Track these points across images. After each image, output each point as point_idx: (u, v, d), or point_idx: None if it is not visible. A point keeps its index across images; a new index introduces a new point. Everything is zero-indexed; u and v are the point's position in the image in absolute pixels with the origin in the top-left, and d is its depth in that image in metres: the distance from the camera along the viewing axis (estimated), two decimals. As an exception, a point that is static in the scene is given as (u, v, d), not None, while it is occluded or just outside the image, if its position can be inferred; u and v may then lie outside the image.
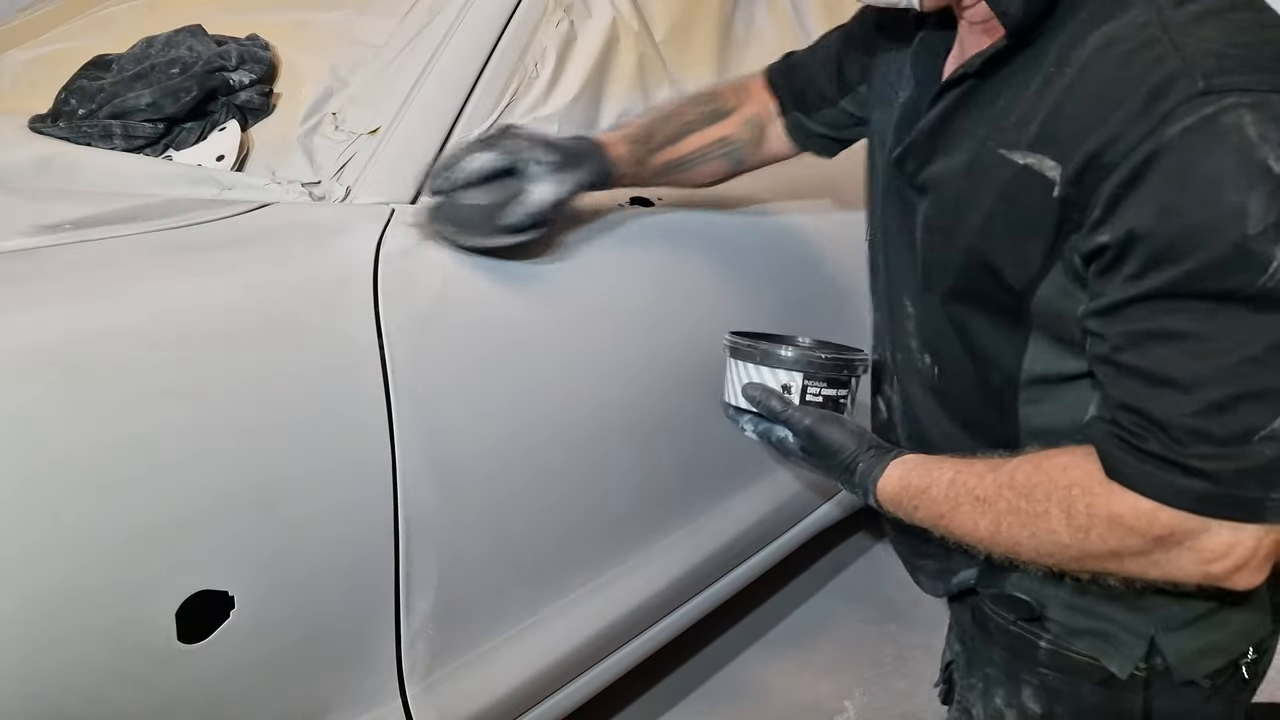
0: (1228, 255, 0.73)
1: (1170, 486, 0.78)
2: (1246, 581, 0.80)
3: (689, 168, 1.34)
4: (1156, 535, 0.80)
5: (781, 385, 1.07)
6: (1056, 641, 0.98)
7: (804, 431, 1.04)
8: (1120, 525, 0.81)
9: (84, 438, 0.88)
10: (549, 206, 1.15)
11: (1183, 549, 0.80)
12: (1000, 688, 1.04)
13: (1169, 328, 0.77)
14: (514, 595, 1.29)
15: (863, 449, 1.02)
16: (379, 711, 1.15)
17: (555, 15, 1.47)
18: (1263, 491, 0.77)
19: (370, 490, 1.09)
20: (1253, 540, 0.78)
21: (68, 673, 0.89)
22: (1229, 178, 0.73)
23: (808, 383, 1.06)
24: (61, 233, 1.02)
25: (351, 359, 1.07)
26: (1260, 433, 0.75)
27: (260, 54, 1.39)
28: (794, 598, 2.14)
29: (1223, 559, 0.79)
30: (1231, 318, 0.75)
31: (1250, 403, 0.75)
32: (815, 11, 1.97)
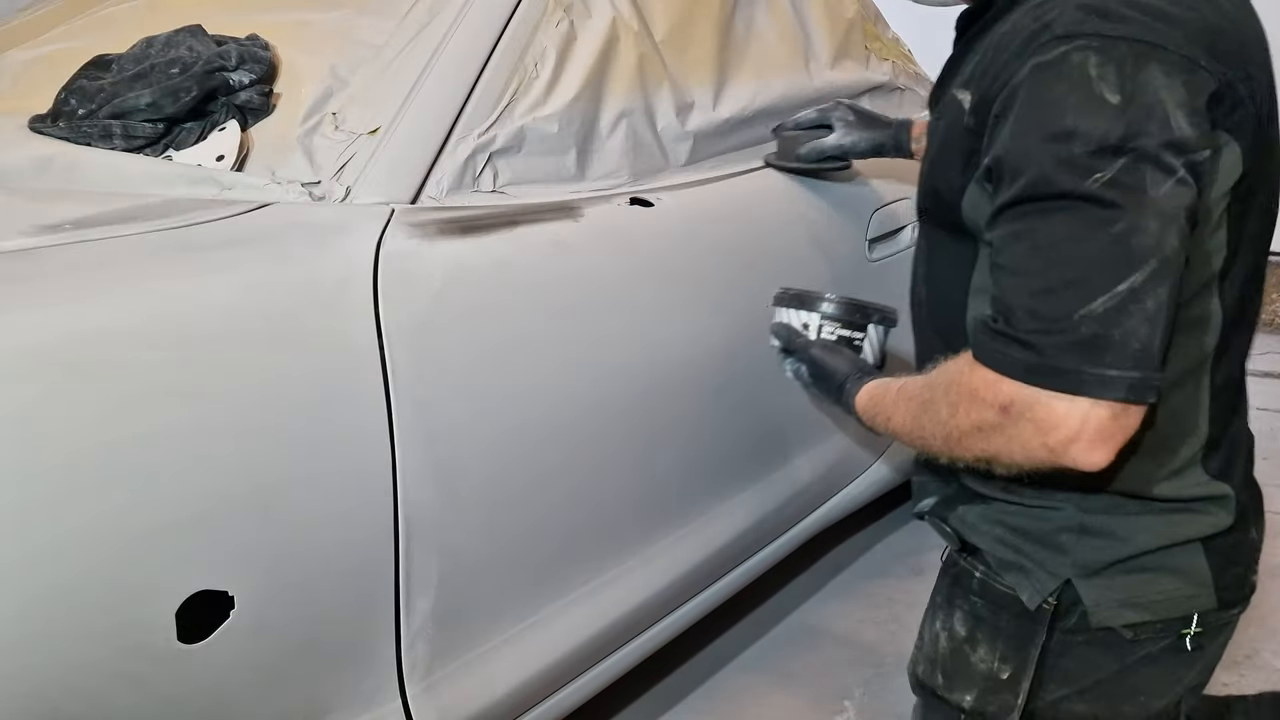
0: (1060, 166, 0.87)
1: (1005, 358, 0.89)
2: (1085, 457, 0.87)
3: None
4: (1001, 404, 0.90)
5: (801, 324, 1.26)
6: (987, 574, 1.09)
7: (808, 359, 1.23)
8: (976, 398, 0.92)
9: (84, 438, 0.88)
10: (832, 148, 1.66)
11: (1024, 421, 0.89)
12: (940, 612, 1.16)
13: (1018, 229, 0.90)
14: (514, 595, 1.29)
15: (853, 373, 1.17)
16: (379, 711, 1.15)
17: (555, 15, 1.47)
18: (1080, 365, 0.86)
19: (370, 490, 1.09)
20: (1080, 413, 0.86)
21: (68, 673, 0.89)
22: (1069, 105, 0.87)
23: (823, 322, 1.25)
24: (61, 233, 1.02)
25: (351, 359, 1.07)
26: (1079, 312, 0.86)
27: (260, 54, 1.39)
28: (794, 597, 2.14)
29: (1055, 430, 0.87)
30: (1064, 214, 0.87)
31: (1074, 287, 0.86)
32: (815, 12, 1.97)
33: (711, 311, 1.50)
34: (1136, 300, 0.86)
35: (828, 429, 1.82)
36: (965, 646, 1.12)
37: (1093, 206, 0.86)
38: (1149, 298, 0.86)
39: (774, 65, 1.82)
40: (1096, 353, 0.86)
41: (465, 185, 1.31)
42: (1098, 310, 0.86)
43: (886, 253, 1.83)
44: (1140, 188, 0.86)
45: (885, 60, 2.12)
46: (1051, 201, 0.88)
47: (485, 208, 1.29)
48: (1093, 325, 0.86)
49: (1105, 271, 0.86)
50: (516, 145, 1.36)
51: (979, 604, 1.10)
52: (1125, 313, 0.86)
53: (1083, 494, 1.02)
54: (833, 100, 1.72)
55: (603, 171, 1.47)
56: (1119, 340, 0.85)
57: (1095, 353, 0.86)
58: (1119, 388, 0.85)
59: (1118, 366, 0.85)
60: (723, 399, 1.54)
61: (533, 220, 1.30)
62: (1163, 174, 0.86)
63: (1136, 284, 0.86)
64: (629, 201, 1.44)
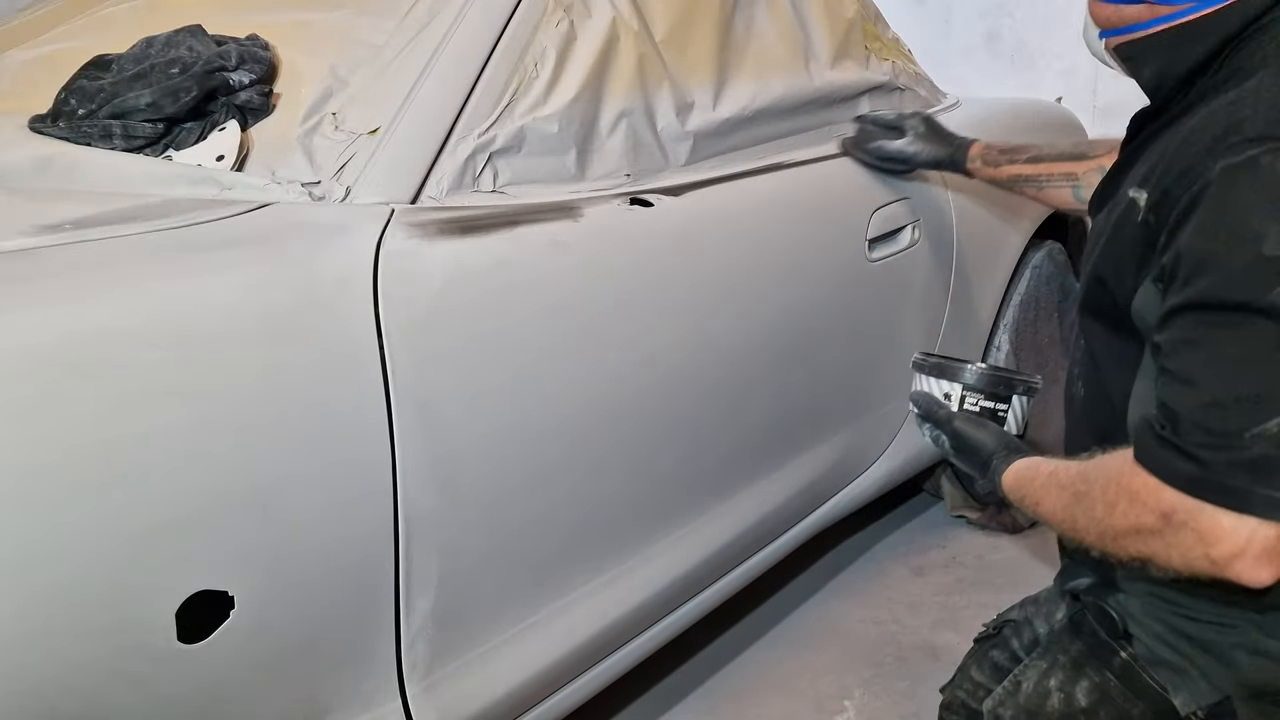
0: (1243, 271, 0.85)
1: (1169, 466, 0.88)
2: (1250, 574, 0.86)
3: (1036, 186, 1.65)
4: (1163, 511, 0.89)
5: (943, 394, 1.23)
6: (1135, 660, 1.07)
7: (950, 431, 1.20)
8: (1136, 500, 0.91)
9: (84, 437, 0.88)
10: (894, 153, 1.80)
11: (1187, 530, 0.88)
12: (1061, 672, 1.12)
13: (1192, 336, 0.89)
14: (514, 595, 1.29)
15: (1000, 448, 1.14)
16: (379, 711, 1.15)
17: (555, 15, 1.47)
18: (1249, 484, 0.85)
19: (370, 490, 1.09)
20: (1247, 530, 0.85)
21: (67, 672, 0.89)
22: (1255, 207, 0.86)
23: (966, 393, 1.22)
24: (61, 233, 1.02)
25: (351, 359, 1.07)
26: (1251, 431, 0.85)
27: (260, 54, 1.39)
28: (794, 598, 2.14)
29: (1219, 544, 0.86)
30: (1242, 327, 0.86)
31: (1247, 404, 0.85)
32: (815, 12, 1.97)
33: (712, 311, 1.50)
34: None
35: (828, 428, 1.82)
36: (1081, 717, 1.09)
37: (1272, 322, 0.84)
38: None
39: (774, 65, 1.82)
40: (1267, 474, 0.84)
41: (465, 185, 1.30)
42: (1271, 430, 0.84)
43: (886, 253, 1.83)
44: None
45: (885, 60, 2.12)
46: (1229, 313, 0.86)
47: (485, 208, 1.29)
48: (1264, 445, 0.84)
49: (1275, 388, 0.85)
50: (516, 145, 1.36)
51: (1114, 684, 1.08)
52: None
53: (1260, 614, 1.00)
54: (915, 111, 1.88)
55: (603, 171, 1.47)
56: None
57: (1265, 474, 0.84)
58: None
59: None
60: (723, 399, 1.54)
61: (533, 220, 1.30)
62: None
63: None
64: (629, 201, 1.44)
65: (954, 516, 2.44)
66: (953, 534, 2.41)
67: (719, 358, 1.52)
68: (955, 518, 2.44)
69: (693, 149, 1.60)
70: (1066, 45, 3.59)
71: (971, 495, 2.41)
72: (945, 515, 2.46)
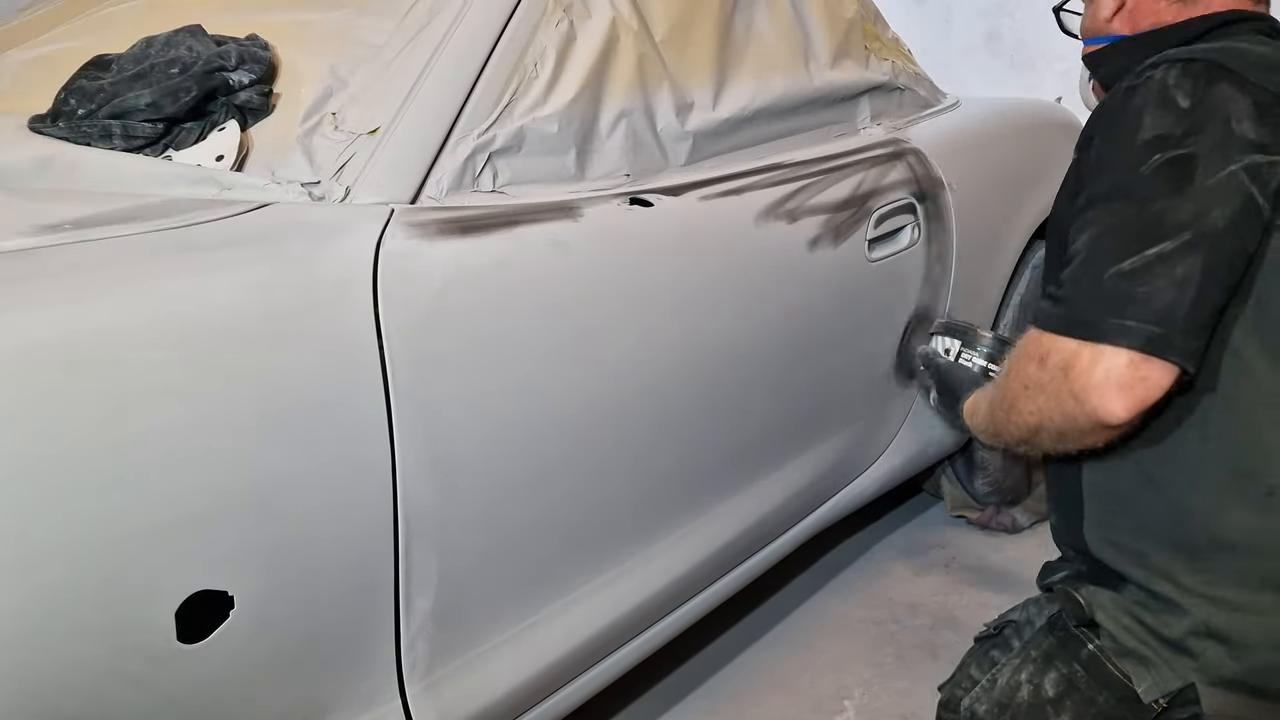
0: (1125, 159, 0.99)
1: (1045, 314, 1.01)
2: (1105, 405, 0.94)
3: None
4: (1040, 356, 1.00)
5: (944, 349, 1.36)
6: (1101, 650, 1.11)
7: (939, 375, 1.34)
8: (1023, 354, 1.03)
9: (84, 437, 0.88)
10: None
11: (1057, 371, 0.97)
12: (1032, 665, 1.16)
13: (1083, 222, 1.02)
14: (514, 595, 1.29)
15: (970, 387, 1.26)
16: (379, 711, 1.15)
17: (555, 15, 1.47)
18: (1101, 314, 0.94)
19: (370, 490, 1.09)
20: (1104, 361, 0.94)
21: (67, 672, 0.89)
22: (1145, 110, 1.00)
23: (964, 350, 1.33)
24: (61, 233, 1.02)
25: (351, 359, 1.07)
26: (1108, 271, 0.95)
27: (260, 54, 1.39)
28: (794, 598, 2.14)
29: (1079, 376, 0.95)
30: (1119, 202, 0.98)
31: (1108, 252, 0.96)
32: (815, 11, 1.97)
33: (712, 311, 1.50)
34: (1164, 263, 0.93)
35: (828, 428, 1.82)
36: (1049, 708, 1.13)
37: (1140, 187, 0.97)
38: (1178, 265, 0.93)
39: (774, 65, 1.82)
40: (1118, 305, 0.94)
41: (465, 185, 1.30)
42: (1124, 268, 0.94)
43: (886, 253, 1.83)
44: (1188, 176, 0.95)
45: (885, 60, 2.12)
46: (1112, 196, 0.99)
47: (485, 208, 1.28)
48: (1119, 282, 0.94)
49: (1136, 239, 0.95)
50: (516, 145, 1.36)
51: (1080, 675, 1.11)
52: (1151, 273, 0.93)
53: (1209, 598, 1.05)
54: None
55: (602, 171, 1.47)
56: (1142, 296, 0.93)
57: (1118, 305, 0.94)
58: (1137, 337, 0.92)
59: (1137, 318, 0.93)
60: (723, 399, 1.54)
61: (532, 220, 1.30)
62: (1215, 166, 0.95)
63: (1166, 250, 0.93)
64: (629, 201, 1.44)
65: (954, 516, 2.44)
66: (953, 534, 2.41)
67: (719, 358, 1.52)
68: (955, 518, 2.44)
69: (692, 149, 1.60)
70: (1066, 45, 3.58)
71: (971, 495, 2.41)
72: (945, 515, 2.46)
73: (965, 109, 2.33)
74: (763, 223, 1.60)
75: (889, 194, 1.85)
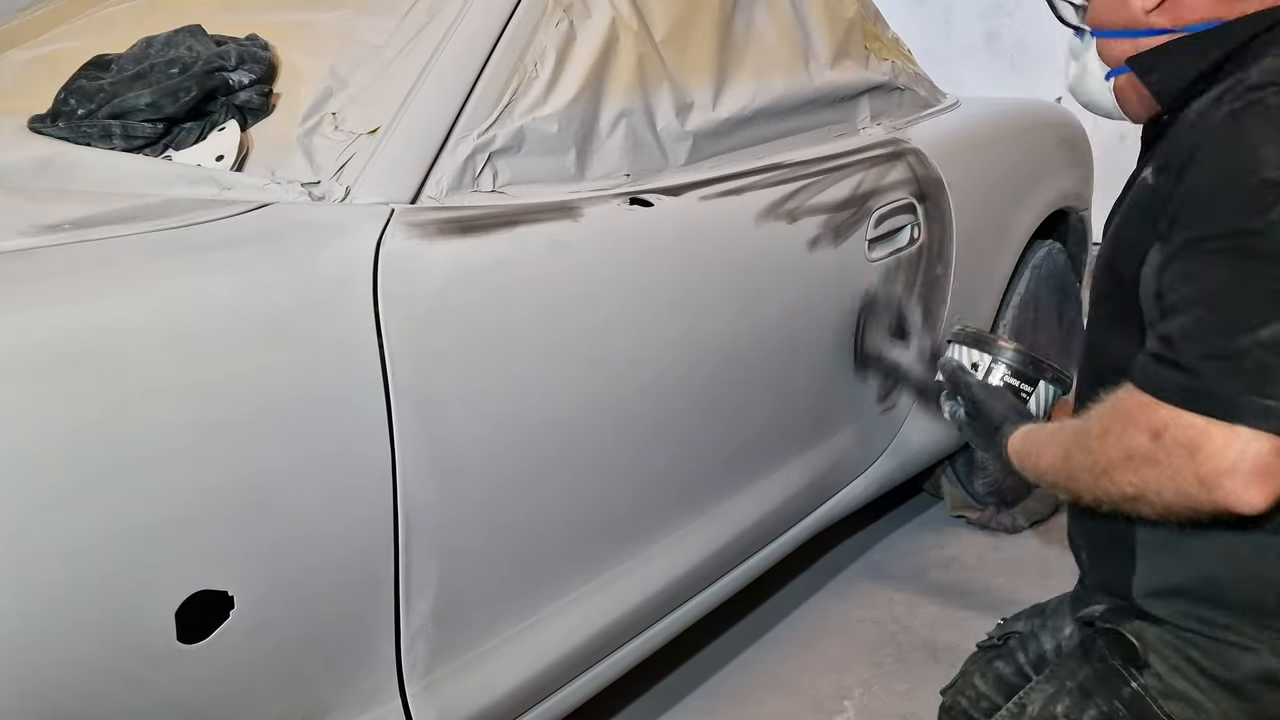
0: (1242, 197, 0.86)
1: (1161, 380, 0.87)
2: (1241, 495, 0.83)
3: None
4: (1154, 428, 0.87)
5: (971, 363, 1.22)
6: (1147, 690, 1.02)
7: (971, 397, 1.17)
8: (1129, 421, 0.89)
9: (84, 437, 0.88)
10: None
11: (1177, 448, 0.85)
12: (1069, 698, 1.07)
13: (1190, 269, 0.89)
14: (514, 595, 1.29)
15: (1012, 415, 1.13)
16: (379, 711, 1.15)
17: (555, 15, 1.47)
18: (1241, 391, 0.82)
19: (370, 490, 1.09)
20: (1239, 443, 0.82)
21: (67, 672, 0.89)
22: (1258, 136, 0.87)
23: (994, 365, 1.20)
24: (61, 233, 1.02)
25: (351, 359, 1.07)
26: (1244, 339, 0.83)
27: (260, 54, 1.39)
28: (794, 598, 2.14)
29: (1210, 459, 0.83)
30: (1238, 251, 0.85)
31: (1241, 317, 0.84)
32: (815, 11, 1.97)
33: (711, 311, 1.50)
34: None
35: (828, 428, 1.82)
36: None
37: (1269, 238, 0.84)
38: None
39: (774, 65, 1.82)
40: (1260, 382, 0.82)
41: (465, 185, 1.30)
42: (1264, 338, 0.82)
43: (886, 252, 1.83)
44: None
45: (885, 60, 2.12)
46: (1227, 239, 0.86)
47: (485, 208, 1.28)
48: (1259, 354, 0.83)
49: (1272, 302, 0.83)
50: (516, 145, 1.36)
51: (1122, 714, 1.03)
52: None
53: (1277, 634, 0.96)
54: None
55: (602, 171, 1.47)
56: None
57: (1259, 381, 0.82)
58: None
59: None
60: (723, 399, 1.54)
61: (532, 220, 1.30)
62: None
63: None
64: (629, 201, 1.44)
65: (954, 516, 2.44)
66: (953, 534, 2.41)
67: (719, 357, 1.51)
68: (955, 518, 2.44)
69: (692, 149, 1.60)
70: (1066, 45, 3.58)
71: (971, 495, 2.41)
72: (945, 515, 2.46)
73: (965, 109, 2.33)
74: (763, 223, 1.60)
75: (889, 194, 1.85)
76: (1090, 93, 1.12)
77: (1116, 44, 1.06)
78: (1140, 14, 1.02)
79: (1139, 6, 1.02)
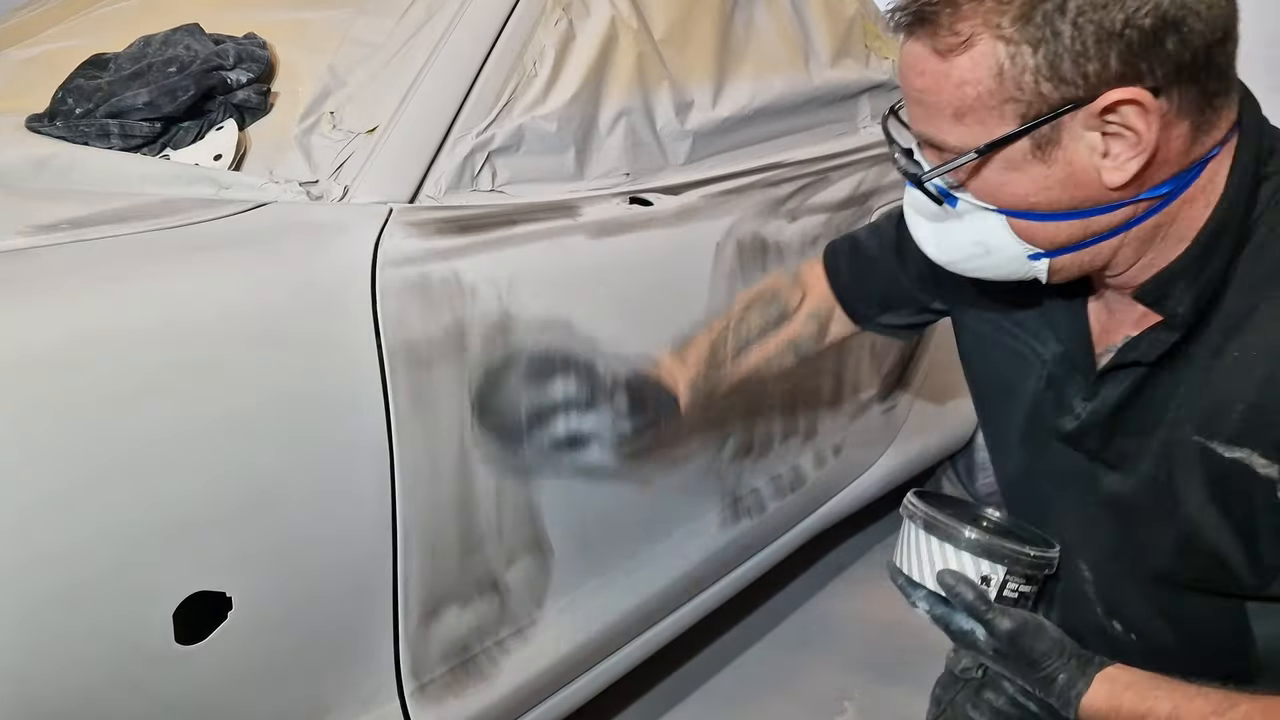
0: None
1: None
2: None
3: (760, 373, 1.33)
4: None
5: (981, 577, 0.98)
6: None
7: (1005, 636, 0.95)
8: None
9: (81, 438, 0.88)
10: None
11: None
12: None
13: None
14: (513, 595, 1.29)
15: (1065, 659, 0.93)
16: (378, 712, 1.15)
17: (554, 14, 1.46)
18: None
19: (369, 489, 1.09)
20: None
21: (65, 674, 0.88)
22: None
23: (1009, 578, 0.98)
24: (59, 232, 1.02)
25: (350, 358, 1.07)
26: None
27: (258, 53, 1.38)
28: (794, 598, 2.14)
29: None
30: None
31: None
32: (815, 10, 1.96)
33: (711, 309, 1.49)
34: None
35: (829, 428, 1.81)
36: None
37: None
38: None
39: (774, 64, 1.81)
40: None
41: (464, 184, 1.30)
42: None
43: (886, 252, 1.83)
44: None
45: (885, 59, 2.12)
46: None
47: (484, 207, 1.28)
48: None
49: None
50: (515, 144, 1.35)
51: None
52: None
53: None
54: None
55: (602, 170, 1.46)
56: None
57: None
58: None
59: None
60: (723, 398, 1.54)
61: (531, 219, 1.30)
62: None
63: None
64: (628, 200, 1.44)
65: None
66: (953, 534, 2.40)
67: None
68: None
69: (692, 148, 1.60)
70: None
71: (972, 495, 2.41)
72: (945, 515, 2.45)
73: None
74: (763, 222, 1.60)
75: (890, 193, 1.85)
76: (996, 269, 0.89)
77: (1054, 227, 0.84)
78: (1103, 193, 0.81)
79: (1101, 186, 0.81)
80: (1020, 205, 0.83)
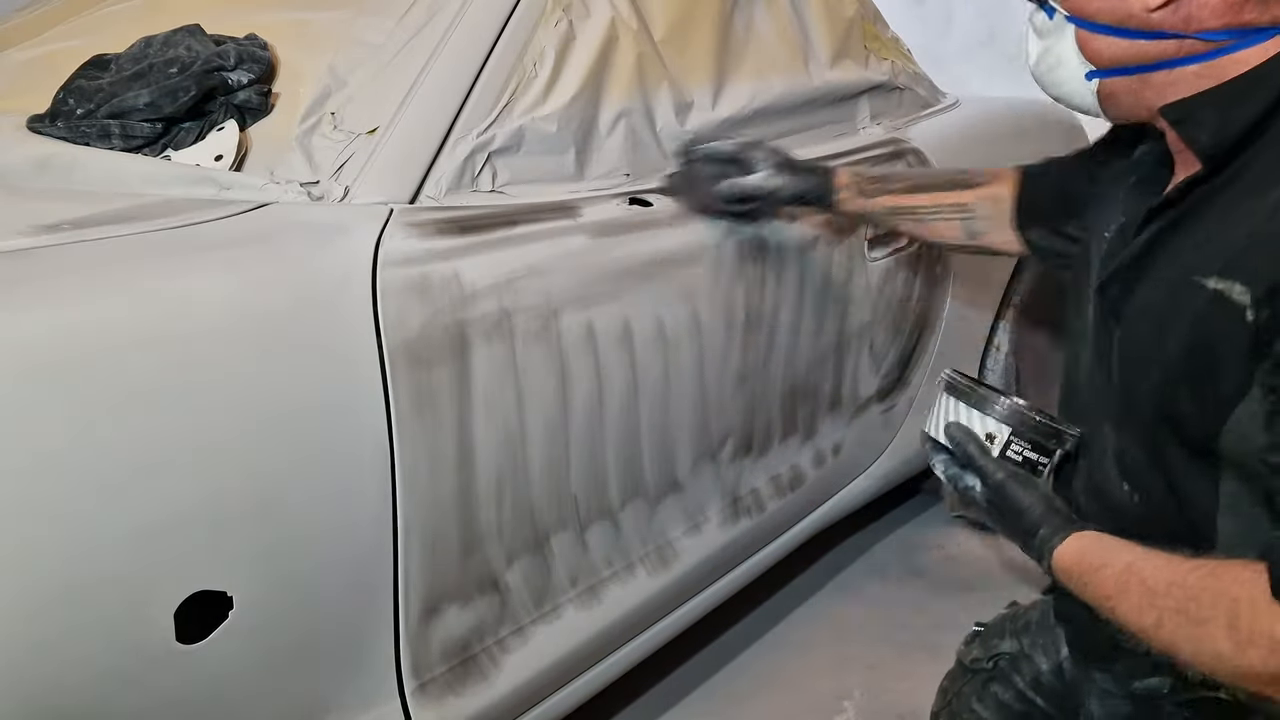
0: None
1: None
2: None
3: (921, 219, 1.42)
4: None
5: (986, 434, 1.05)
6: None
7: (994, 485, 1.01)
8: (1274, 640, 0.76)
9: (81, 438, 0.88)
10: (752, 189, 1.43)
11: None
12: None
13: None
14: (513, 595, 1.29)
15: (1049, 514, 0.98)
16: (378, 710, 1.15)
17: (554, 15, 1.47)
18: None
19: (369, 489, 1.09)
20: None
21: (66, 673, 0.89)
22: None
23: (1013, 439, 1.04)
24: (60, 233, 1.02)
25: (350, 358, 1.07)
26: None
27: (259, 54, 1.39)
28: (794, 597, 2.14)
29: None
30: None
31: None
32: (815, 11, 1.96)
33: (710, 310, 1.50)
34: None
35: (828, 427, 1.82)
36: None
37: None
38: None
39: (773, 65, 1.81)
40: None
41: (464, 185, 1.30)
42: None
43: (885, 252, 1.83)
44: None
45: (885, 60, 2.12)
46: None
47: (484, 207, 1.28)
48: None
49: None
50: (515, 145, 1.36)
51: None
52: None
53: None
54: (755, 140, 1.51)
55: (602, 171, 1.47)
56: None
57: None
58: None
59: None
60: (722, 398, 1.54)
61: (532, 220, 1.30)
62: None
63: None
64: (628, 201, 1.44)
65: (953, 516, 2.44)
66: (951, 534, 2.40)
67: (719, 356, 1.51)
68: (955, 518, 2.44)
69: (692, 148, 1.60)
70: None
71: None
72: (945, 515, 2.45)
73: (965, 109, 2.33)
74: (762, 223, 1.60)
75: (889, 193, 1.85)
76: (1062, 85, 0.99)
77: (1106, 42, 0.92)
78: (1141, 11, 0.88)
79: (1139, 4, 0.88)
80: (1084, 13, 0.93)
